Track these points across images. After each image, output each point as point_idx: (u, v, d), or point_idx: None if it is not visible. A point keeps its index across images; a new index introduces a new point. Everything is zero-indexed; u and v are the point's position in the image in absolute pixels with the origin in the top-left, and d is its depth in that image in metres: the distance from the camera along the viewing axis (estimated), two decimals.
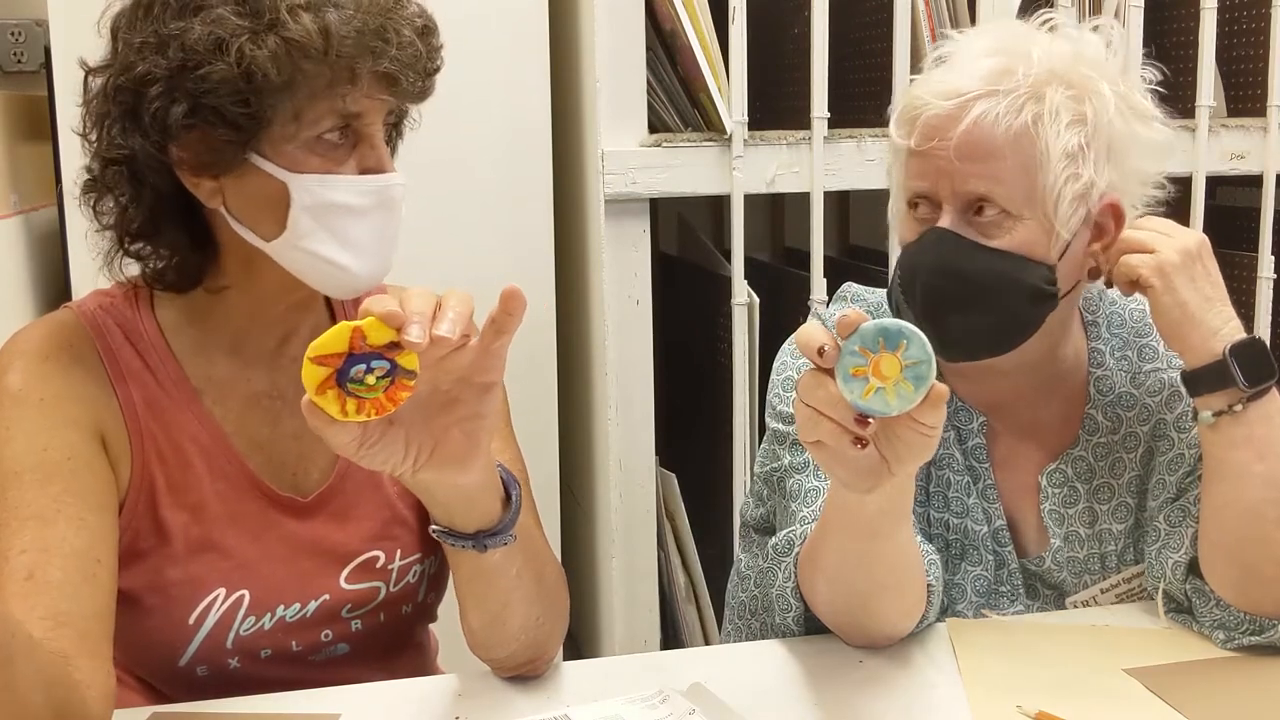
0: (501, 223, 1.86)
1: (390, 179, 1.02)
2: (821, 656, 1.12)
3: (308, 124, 0.97)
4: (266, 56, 0.93)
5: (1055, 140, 1.08)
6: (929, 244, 1.12)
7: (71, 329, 1.05)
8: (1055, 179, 1.09)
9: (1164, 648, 1.13)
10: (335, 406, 0.82)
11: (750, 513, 1.36)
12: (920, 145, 1.11)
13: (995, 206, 1.10)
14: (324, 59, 0.94)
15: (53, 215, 1.79)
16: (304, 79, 0.95)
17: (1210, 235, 1.87)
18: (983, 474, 1.23)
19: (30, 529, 0.95)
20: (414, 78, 0.99)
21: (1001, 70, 1.10)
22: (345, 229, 1.00)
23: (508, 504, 0.99)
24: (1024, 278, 1.11)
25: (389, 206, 1.02)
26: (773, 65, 2.10)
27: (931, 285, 1.12)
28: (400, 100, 1.03)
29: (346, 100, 0.97)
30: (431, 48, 1.01)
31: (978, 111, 1.08)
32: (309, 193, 0.98)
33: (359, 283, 1.03)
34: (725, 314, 1.92)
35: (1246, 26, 2.16)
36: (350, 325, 0.81)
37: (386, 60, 0.96)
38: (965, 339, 1.14)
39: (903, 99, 1.16)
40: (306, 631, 1.10)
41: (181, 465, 1.06)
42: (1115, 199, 1.15)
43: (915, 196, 1.15)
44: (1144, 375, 1.24)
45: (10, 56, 1.96)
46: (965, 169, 1.09)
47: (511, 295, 0.85)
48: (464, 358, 0.87)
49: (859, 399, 0.84)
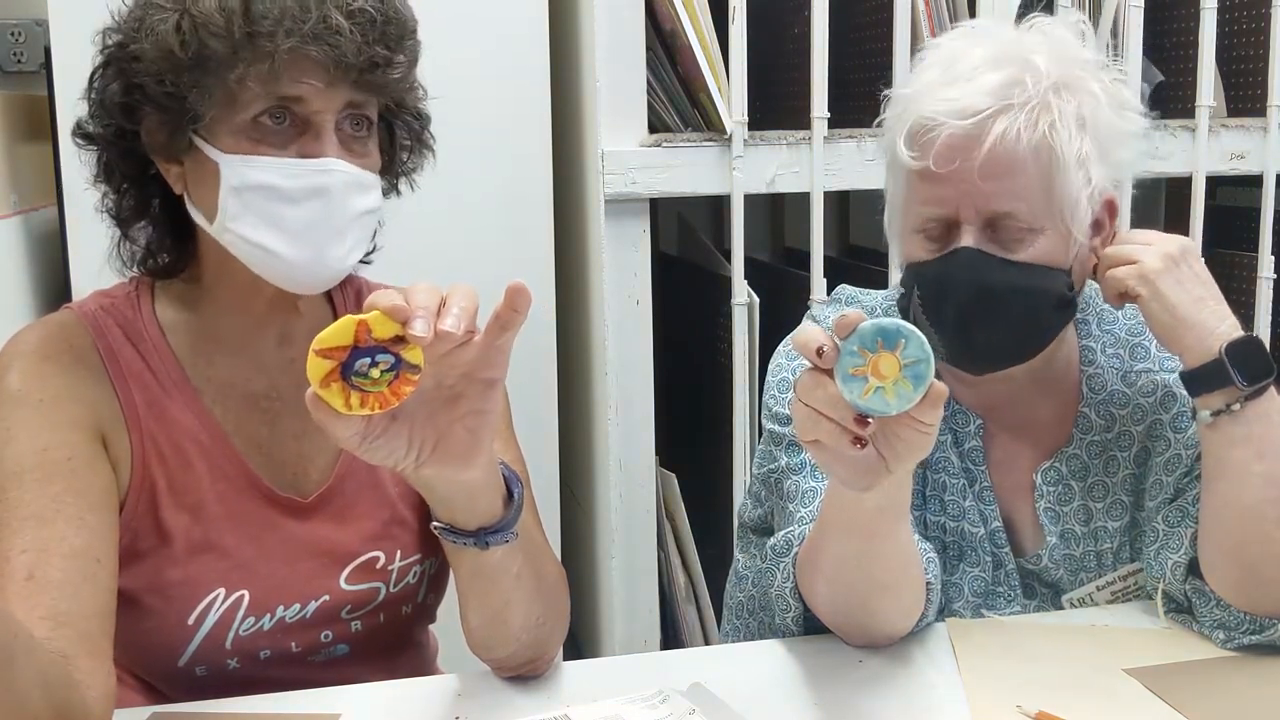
0: (501, 223, 1.87)
1: (329, 163, 0.98)
2: (821, 656, 1.12)
3: (241, 106, 0.97)
4: (172, 33, 0.95)
5: (1068, 147, 1.09)
6: (962, 264, 1.11)
7: (72, 329, 1.05)
8: (1072, 186, 1.09)
9: (1164, 648, 1.13)
10: (339, 399, 0.82)
11: (748, 514, 1.36)
12: (941, 168, 1.09)
13: (1018, 221, 1.10)
14: (229, 37, 0.94)
15: (53, 215, 1.79)
16: (215, 58, 0.95)
17: (1210, 235, 1.87)
18: (979, 476, 1.24)
19: (30, 529, 0.95)
20: (347, 64, 0.96)
21: (1011, 82, 1.09)
22: (274, 213, 0.99)
23: (509, 502, 0.99)
24: (1051, 287, 1.12)
25: (324, 193, 0.99)
26: (773, 65, 2.10)
27: (965, 303, 1.11)
28: (359, 92, 0.99)
29: (279, 84, 0.96)
30: (371, 35, 0.97)
31: (999, 129, 1.07)
32: (235, 173, 0.98)
33: (294, 271, 1.01)
34: (725, 314, 1.92)
35: (1246, 26, 2.16)
36: (355, 318, 0.81)
37: (295, 39, 0.94)
38: (991, 351, 1.15)
39: (905, 115, 1.13)
40: (306, 632, 1.10)
41: (182, 466, 1.06)
42: (1112, 195, 1.16)
43: (929, 222, 1.13)
44: (1135, 374, 1.24)
45: (10, 56, 1.96)
46: (988, 188, 1.09)
47: (518, 291, 0.84)
48: (468, 353, 0.87)
49: (858, 399, 0.85)
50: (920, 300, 1.15)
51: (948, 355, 1.15)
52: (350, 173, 1.00)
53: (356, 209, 1.02)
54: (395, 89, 1.03)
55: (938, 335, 1.13)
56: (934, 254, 1.13)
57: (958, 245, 1.11)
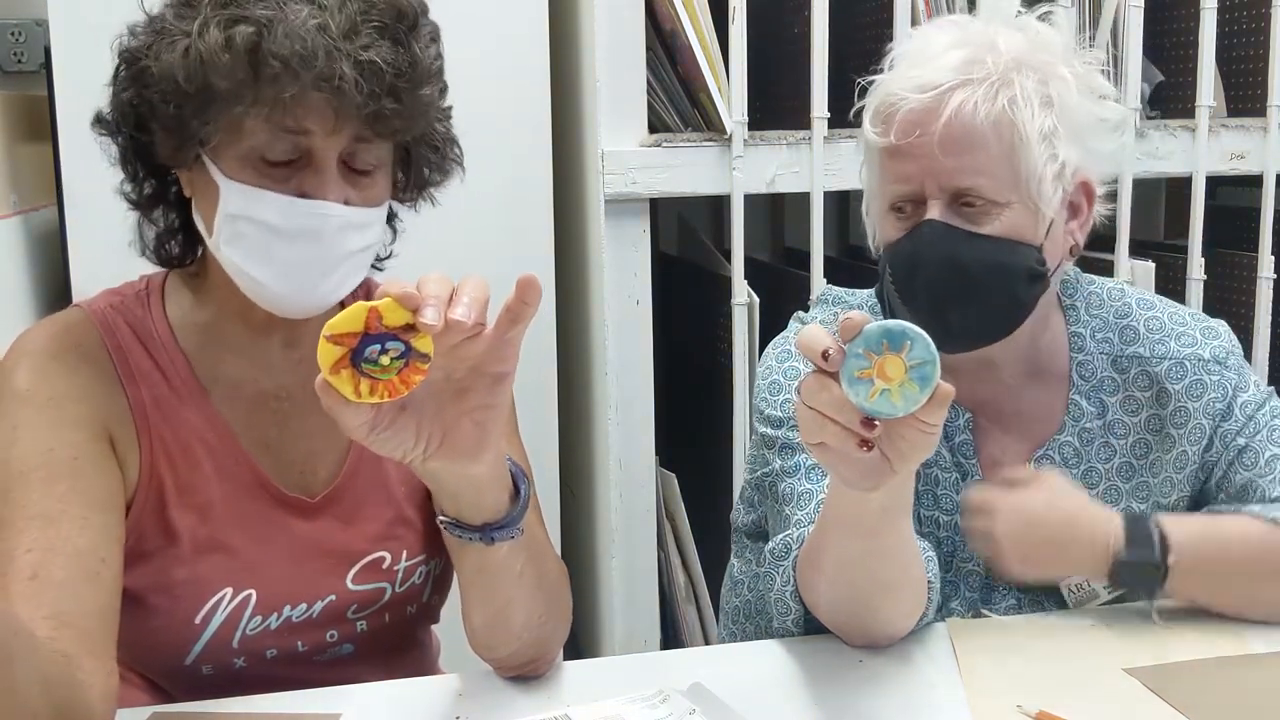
0: (501, 223, 1.86)
1: (324, 207, 0.98)
2: (821, 656, 1.12)
3: (246, 134, 0.97)
4: (179, 62, 0.94)
5: (1031, 122, 1.10)
6: (925, 238, 1.12)
7: (81, 328, 1.06)
8: (1035, 161, 1.11)
9: (1164, 648, 1.13)
10: (349, 387, 0.82)
11: (741, 518, 1.36)
12: (901, 139, 1.11)
13: (982, 197, 1.11)
14: (233, 77, 0.93)
15: (53, 215, 1.79)
16: (219, 93, 0.94)
17: (1210, 235, 1.87)
18: (970, 470, 1.24)
19: (35, 528, 0.95)
20: (351, 115, 0.95)
21: (970, 60, 1.11)
22: (264, 246, 0.98)
23: (515, 498, 0.99)
24: (1019, 261, 1.13)
25: (317, 235, 0.98)
26: (773, 65, 2.10)
27: (933, 278, 1.12)
28: (368, 134, 0.98)
29: (283, 121, 0.95)
30: (380, 87, 0.95)
31: (956, 101, 1.10)
32: (233, 201, 0.98)
33: (280, 301, 1.01)
34: (725, 314, 1.92)
35: (1246, 26, 2.16)
36: (367, 305, 0.81)
37: (300, 86, 0.92)
38: (966, 328, 1.15)
39: (873, 96, 1.16)
40: (312, 632, 1.10)
41: (190, 465, 1.06)
42: (1087, 177, 1.17)
43: (899, 200, 1.15)
44: (1126, 360, 1.24)
45: (10, 56, 1.96)
46: (949, 164, 1.10)
47: (529, 284, 0.84)
48: (477, 346, 0.86)
49: (865, 401, 0.84)
50: (891, 279, 1.16)
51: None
52: (345, 216, 0.99)
53: (349, 248, 1.01)
54: (405, 134, 1.02)
55: (911, 315, 1.13)
56: (904, 233, 1.14)
57: (923, 220, 1.12)
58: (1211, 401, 1.22)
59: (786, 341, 1.28)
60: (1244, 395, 1.23)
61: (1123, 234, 2.02)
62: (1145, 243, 2.29)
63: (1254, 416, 1.22)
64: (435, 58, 1.02)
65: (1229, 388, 1.22)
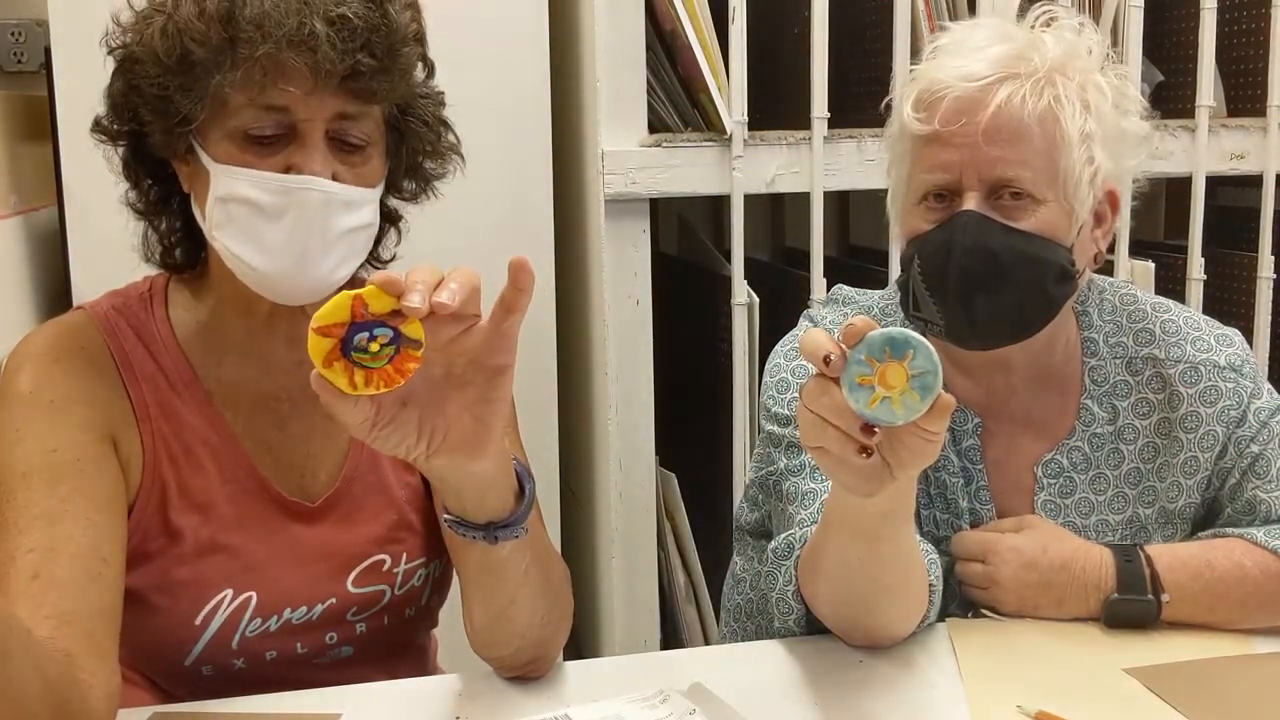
0: (501, 223, 1.86)
1: (307, 181, 0.97)
2: (821, 656, 1.12)
3: (231, 112, 0.97)
4: (158, 37, 0.96)
5: (1072, 122, 1.10)
6: (961, 227, 1.11)
7: (84, 331, 1.06)
8: (1074, 161, 1.11)
9: (1164, 648, 1.13)
10: (344, 379, 0.81)
11: (744, 517, 1.36)
12: (944, 127, 1.11)
13: (1020, 190, 1.11)
14: (208, 43, 0.94)
15: (53, 215, 1.79)
16: (198, 62, 0.95)
17: (1210, 235, 1.88)
18: (976, 475, 1.24)
19: (37, 528, 0.95)
20: (328, 71, 0.95)
21: (1016, 55, 1.12)
22: (253, 227, 0.98)
23: (520, 497, 0.99)
24: (1052, 258, 1.13)
25: (304, 209, 0.98)
26: (773, 65, 2.10)
27: (967, 267, 1.11)
28: (348, 101, 0.98)
29: (263, 92, 0.96)
30: (354, 43, 0.95)
31: (1004, 93, 1.10)
32: (220, 182, 0.99)
33: (274, 283, 1.01)
34: (725, 314, 1.92)
35: (1246, 26, 2.16)
36: (351, 294, 0.80)
37: (273, 45, 0.93)
38: (994, 323, 1.14)
39: (914, 85, 1.15)
40: (312, 633, 1.10)
41: (193, 467, 1.06)
42: (1114, 187, 1.17)
43: (935, 189, 1.14)
44: (1140, 362, 1.24)
45: (10, 56, 1.96)
46: (993, 153, 1.10)
47: (520, 268, 0.82)
48: (474, 338, 0.85)
49: (865, 408, 0.84)
50: (920, 271, 1.14)
51: (948, 330, 1.15)
52: (330, 191, 0.99)
53: (340, 227, 1.00)
54: (386, 98, 1.02)
55: (938, 306, 1.13)
56: (935, 224, 1.14)
57: (959, 210, 1.12)
58: (1226, 409, 1.22)
59: (795, 340, 1.28)
60: (1258, 402, 1.23)
61: (1123, 234, 2.02)
62: (1145, 243, 2.29)
63: (1268, 424, 1.22)
64: (411, 21, 1.02)
65: (1244, 395, 1.22)
